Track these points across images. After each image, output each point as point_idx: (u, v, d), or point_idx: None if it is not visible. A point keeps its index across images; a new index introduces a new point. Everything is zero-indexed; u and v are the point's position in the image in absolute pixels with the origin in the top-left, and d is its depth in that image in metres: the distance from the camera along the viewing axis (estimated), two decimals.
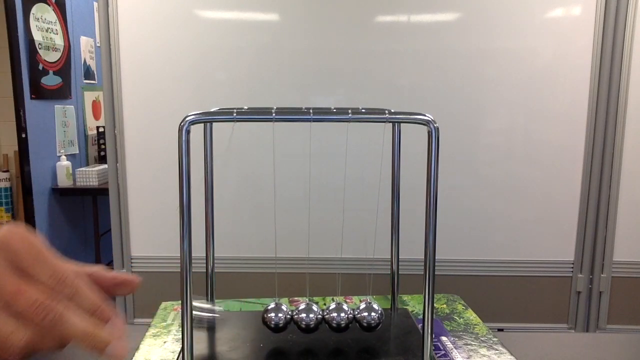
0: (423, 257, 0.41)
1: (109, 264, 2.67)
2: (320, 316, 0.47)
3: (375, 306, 0.48)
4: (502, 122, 1.68)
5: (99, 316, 0.40)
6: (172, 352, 0.49)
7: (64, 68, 2.95)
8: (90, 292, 0.40)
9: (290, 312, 0.47)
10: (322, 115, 0.40)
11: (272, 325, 0.47)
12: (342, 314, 0.47)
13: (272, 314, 0.47)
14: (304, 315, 0.47)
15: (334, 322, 0.47)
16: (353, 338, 0.49)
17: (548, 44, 1.62)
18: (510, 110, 1.67)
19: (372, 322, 0.47)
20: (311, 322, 0.47)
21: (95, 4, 1.71)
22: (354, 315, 0.48)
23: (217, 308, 0.52)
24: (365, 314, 0.47)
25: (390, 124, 0.49)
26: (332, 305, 0.48)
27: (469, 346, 0.50)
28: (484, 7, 1.60)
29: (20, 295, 0.37)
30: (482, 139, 1.68)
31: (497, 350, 0.49)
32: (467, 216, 1.68)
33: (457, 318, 0.57)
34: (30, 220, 2.67)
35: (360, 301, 0.50)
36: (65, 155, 2.86)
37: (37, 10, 2.68)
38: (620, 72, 1.61)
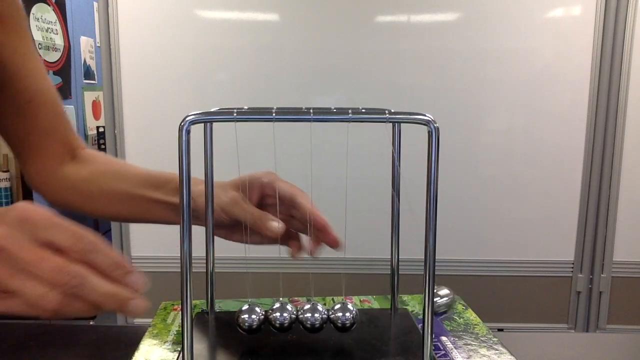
0: (423, 257, 0.41)
1: None
2: (325, 316, 0.47)
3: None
4: (502, 122, 1.68)
5: (121, 270, 0.42)
6: (172, 352, 0.49)
7: (64, 68, 2.94)
8: (109, 248, 0.43)
9: (295, 312, 0.47)
10: (322, 115, 0.39)
11: (277, 325, 0.47)
12: (347, 314, 0.47)
13: (278, 314, 0.47)
14: (309, 315, 0.47)
15: (339, 321, 0.47)
16: (353, 338, 0.49)
17: (548, 44, 1.62)
18: (510, 110, 1.67)
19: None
20: (316, 322, 0.47)
21: (95, 4, 1.71)
22: (353, 316, 0.48)
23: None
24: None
25: (391, 124, 0.49)
26: (337, 305, 0.48)
27: (469, 346, 0.50)
28: (484, 7, 1.60)
29: (42, 262, 0.40)
30: (482, 139, 1.68)
31: (497, 350, 0.49)
32: (467, 216, 1.68)
33: (457, 318, 0.57)
34: None
35: (362, 301, 0.50)
36: None
37: (37, 10, 2.68)
38: (620, 72, 1.61)
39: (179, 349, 0.44)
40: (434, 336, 0.50)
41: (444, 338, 0.52)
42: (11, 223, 0.41)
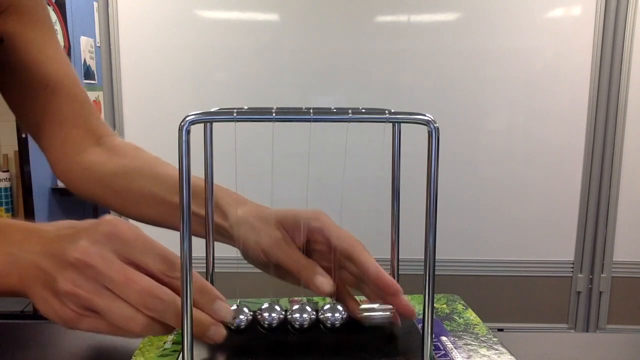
0: (423, 257, 0.41)
1: None
2: (313, 316, 0.47)
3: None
4: (502, 122, 1.68)
5: (208, 297, 0.42)
6: (172, 352, 0.49)
7: None
8: (197, 275, 0.42)
9: (283, 312, 0.47)
10: (322, 115, 0.39)
11: (266, 325, 0.46)
12: (337, 314, 0.47)
13: (266, 314, 0.46)
14: (297, 315, 0.47)
15: (328, 322, 0.47)
16: (353, 338, 0.49)
17: (548, 44, 1.62)
18: (510, 110, 1.67)
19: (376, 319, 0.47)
20: (305, 322, 0.46)
21: (95, 4, 1.71)
22: (348, 315, 0.48)
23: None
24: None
25: (390, 124, 0.49)
26: (327, 306, 0.47)
27: (469, 346, 0.50)
28: (484, 7, 1.60)
29: (131, 284, 0.39)
30: (482, 139, 1.68)
31: (497, 350, 0.49)
32: (467, 216, 1.68)
33: (457, 318, 0.57)
34: (30, 220, 2.66)
35: (362, 301, 0.50)
36: None
37: None
38: (620, 72, 1.61)
39: (179, 349, 0.44)
40: (434, 336, 0.50)
41: (444, 338, 0.52)
42: (100, 239, 0.40)
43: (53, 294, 0.40)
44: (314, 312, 0.47)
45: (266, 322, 0.46)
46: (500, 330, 0.61)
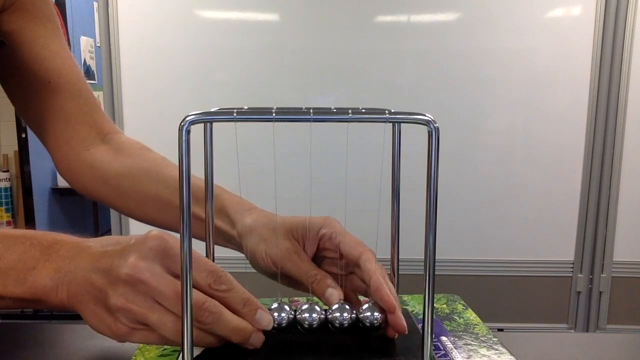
0: (423, 257, 0.41)
1: None
2: (323, 316, 0.47)
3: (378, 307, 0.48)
4: (502, 122, 1.68)
5: (250, 307, 0.44)
6: (172, 352, 0.49)
7: None
8: (240, 286, 0.44)
9: (292, 312, 0.47)
10: (322, 115, 0.39)
11: (275, 325, 0.47)
12: (345, 314, 0.47)
13: (275, 314, 0.47)
14: (307, 315, 0.47)
15: (337, 322, 0.47)
16: (353, 338, 0.49)
17: (548, 44, 1.62)
18: (510, 110, 1.67)
19: (375, 322, 0.47)
20: (314, 322, 0.46)
21: (95, 4, 1.71)
22: (357, 315, 0.48)
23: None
24: (368, 313, 0.47)
25: (391, 124, 0.49)
26: (335, 306, 0.47)
27: (469, 346, 0.50)
28: (484, 7, 1.60)
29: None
30: (482, 139, 1.68)
31: (497, 350, 0.49)
32: (467, 216, 1.68)
33: (457, 318, 0.57)
34: (30, 220, 2.66)
35: (363, 301, 0.50)
36: None
37: None
38: (620, 72, 1.61)
39: (179, 349, 0.44)
40: (434, 336, 0.50)
41: (444, 338, 0.52)
42: (148, 255, 0.41)
43: (105, 309, 0.41)
44: (323, 312, 0.47)
45: (275, 322, 0.46)
46: (500, 330, 0.61)
